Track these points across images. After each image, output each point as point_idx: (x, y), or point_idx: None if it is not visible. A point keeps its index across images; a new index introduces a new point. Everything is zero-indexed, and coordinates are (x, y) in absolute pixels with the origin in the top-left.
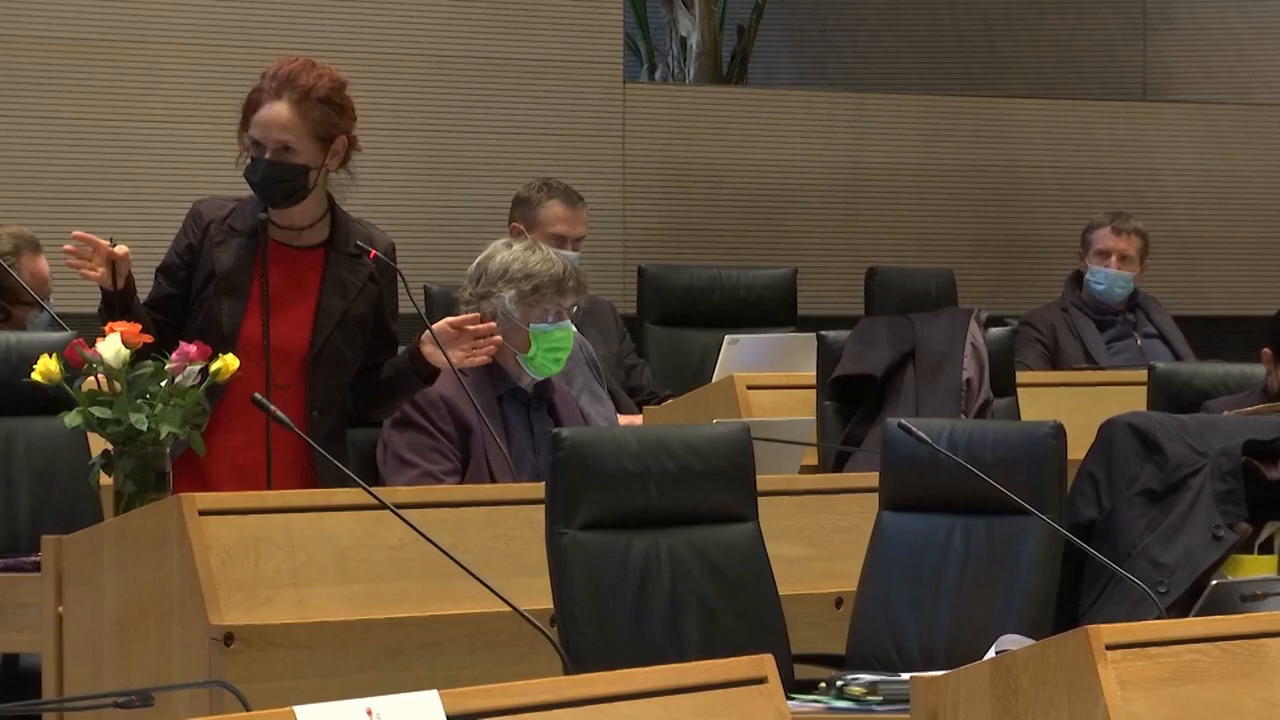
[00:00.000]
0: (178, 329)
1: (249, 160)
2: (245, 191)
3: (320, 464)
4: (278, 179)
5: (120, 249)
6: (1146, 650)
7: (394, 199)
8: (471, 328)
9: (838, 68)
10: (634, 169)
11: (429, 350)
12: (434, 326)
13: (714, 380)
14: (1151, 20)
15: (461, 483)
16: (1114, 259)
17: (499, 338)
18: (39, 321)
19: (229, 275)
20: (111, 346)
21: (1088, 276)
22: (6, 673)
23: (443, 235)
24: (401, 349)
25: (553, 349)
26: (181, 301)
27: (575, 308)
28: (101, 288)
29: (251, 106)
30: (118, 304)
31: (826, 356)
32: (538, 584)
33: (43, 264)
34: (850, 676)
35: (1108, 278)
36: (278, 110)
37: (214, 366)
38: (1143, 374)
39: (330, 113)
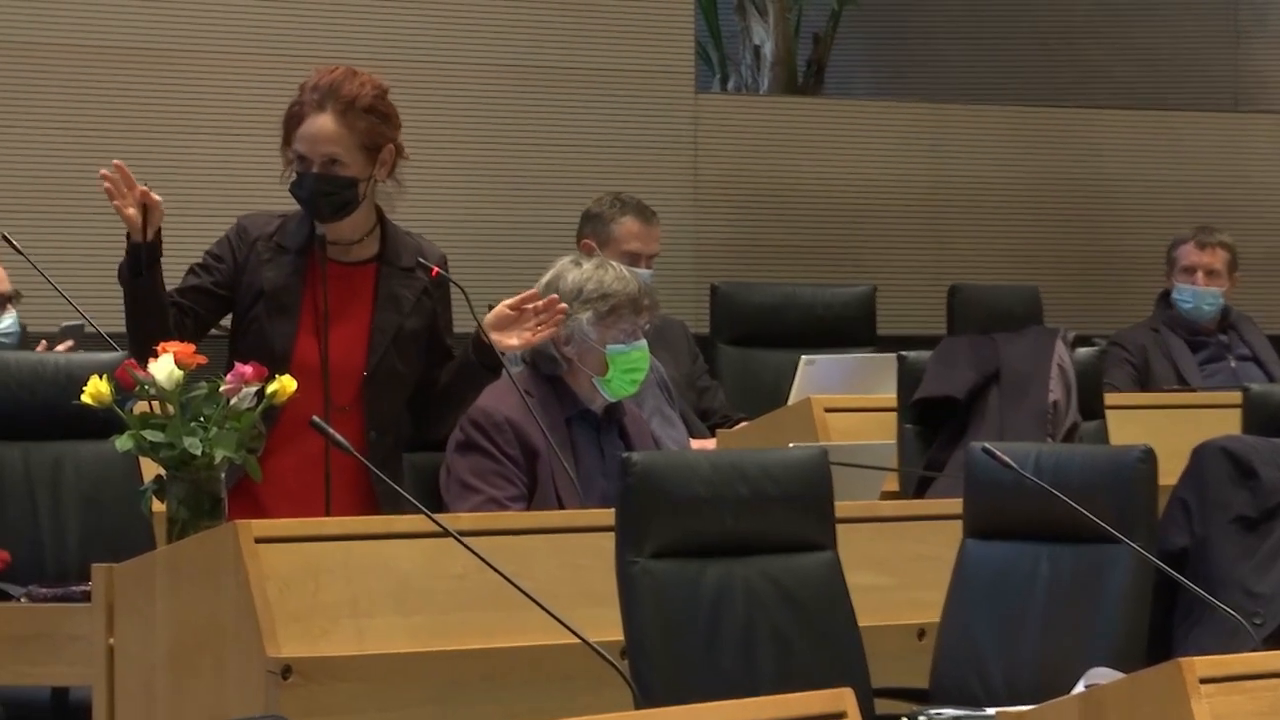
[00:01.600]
0: (200, 321)
1: (294, 175)
2: (291, 206)
3: (380, 489)
4: (326, 193)
5: (155, 196)
6: (1241, 684)
7: (455, 215)
8: (532, 305)
9: (917, 77)
10: (706, 183)
11: (494, 337)
12: (493, 313)
13: (790, 403)
14: (1244, 28)
15: (528, 509)
16: (1200, 275)
17: (564, 305)
18: None
19: (279, 294)
20: (164, 368)
21: (1174, 295)
22: (56, 707)
23: (506, 252)
24: None
25: (629, 370)
26: (214, 298)
27: (648, 326)
28: (129, 239)
29: (294, 120)
30: (145, 257)
31: (907, 378)
32: (607, 614)
33: None
34: (933, 711)
35: (1194, 295)
36: (322, 123)
37: (271, 388)
38: (1236, 396)
39: (376, 121)
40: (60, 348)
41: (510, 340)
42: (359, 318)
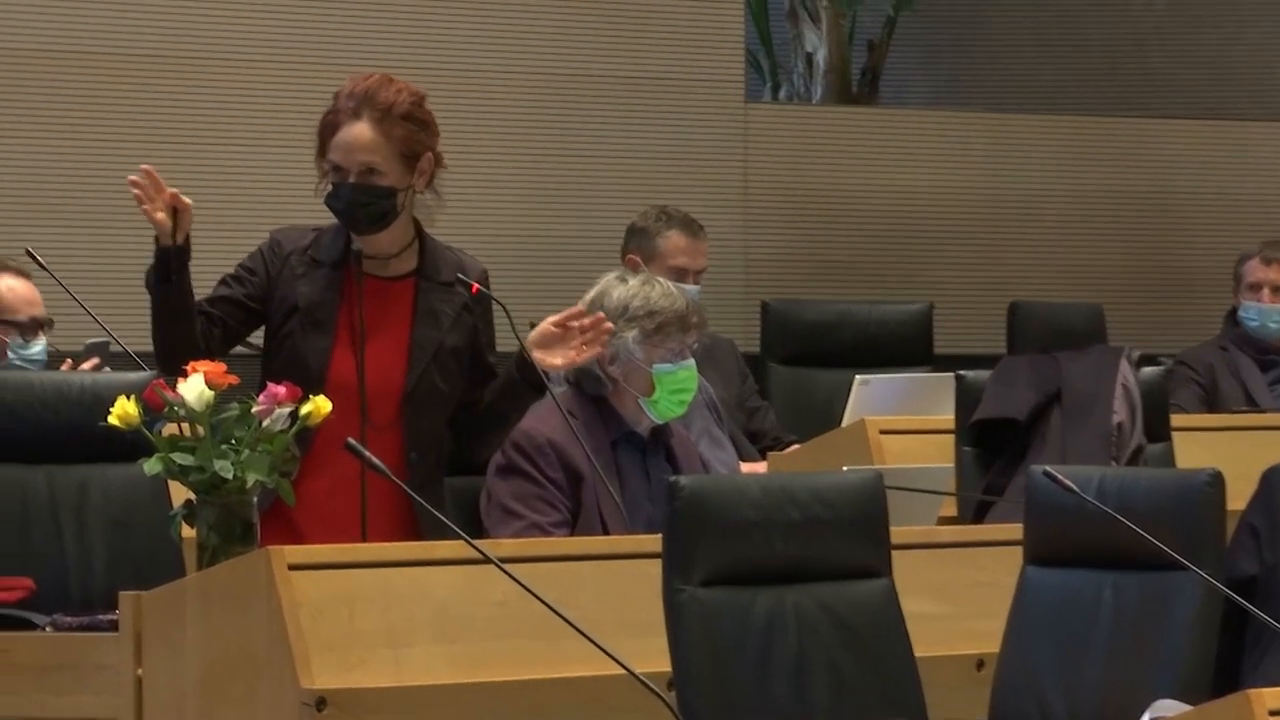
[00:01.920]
0: (229, 332)
1: (329, 186)
2: (326, 219)
3: (420, 512)
4: (363, 203)
5: (185, 198)
6: None
7: (497, 228)
8: (577, 323)
9: (975, 86)
10: (756, 195)
11: (538, 355)
12: (537, 330)
13: (843, 424)
14: None
15: (571, 534)
16: (1265, 291)
17: (610, 324)
18: (19, 345)
19: (313, 309)
20: (194, 388)
21: (1240, 313)
22: None
23: (548, 267)
24: None
25: (677, 390)
26: (245, 310)
27: (696, 345)
28: (157, 242)
29: (329, 129)
30: (174, 262)
31: (965, 398)
32: (654, 644)
33: (22, 286)
34: None
35: (1260, 313)
36: (359, 130)
37: (304, 409)
38: None
39: (414, 129)
40: (85, 366)
41: (554, 359)
42: (397, 334)
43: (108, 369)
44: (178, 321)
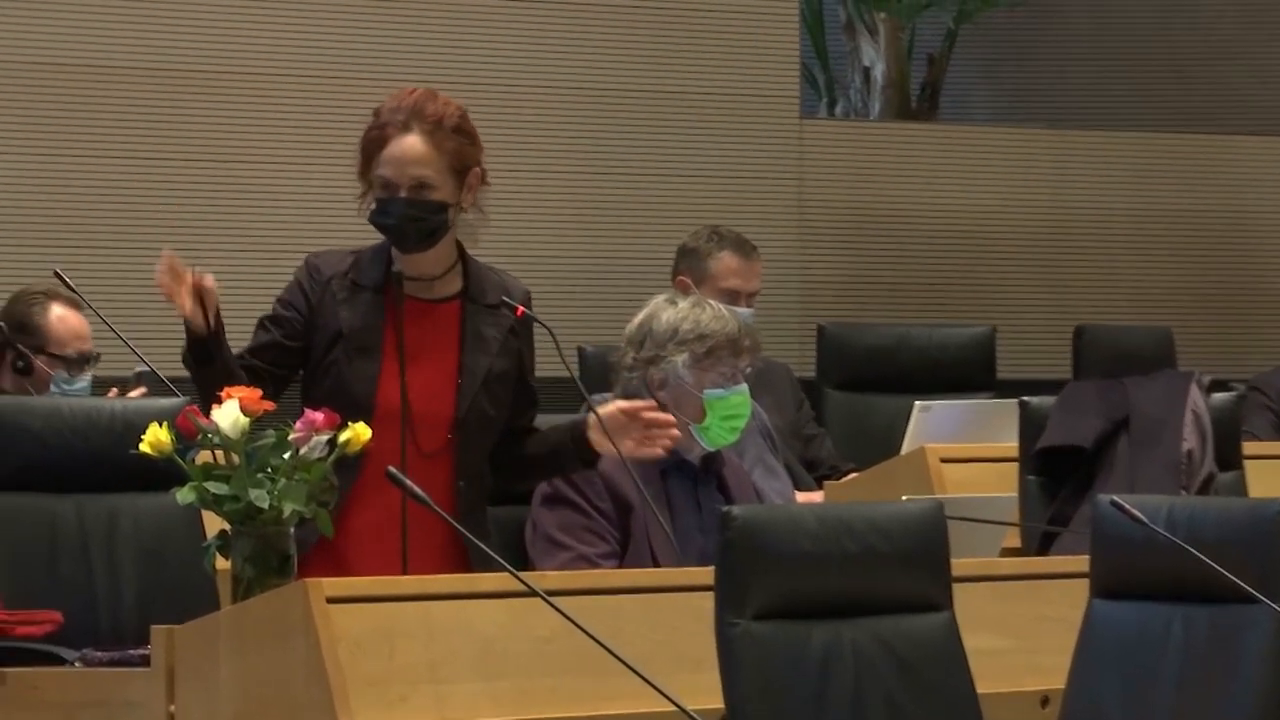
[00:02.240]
0: (277, 381)
1: (375, 203)
2: (363, 241)
3: (468, 543)
4: (415, 218)
5: (208, 279)
6: None
7: (543, 249)
8: (647, 415)
9: (1039, 101)
10: (812, 215)
11: (595, 437)
12: (603, 412)
13: (903, 452)
14: None
15: (620, 566)
16: None
17: (676, 432)
18: (64, 380)
19: (357, 335)
20: (229, 415)
21: None
22: None
23: (596, 289)
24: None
25: (729, 416)
26: (288, 353)
27: (749, 369)
28: (187, 327)
29: (376, 144)
30: (212, 346)
31: (1029, 425)
32: (705, 680)
33: (73, 318)
34: None
35: None
36: (410, 143)
37: (343, 437)
38: None
39: (464, 142)
40: (134, 394)
41: (609, 446)
42: (445, 359)
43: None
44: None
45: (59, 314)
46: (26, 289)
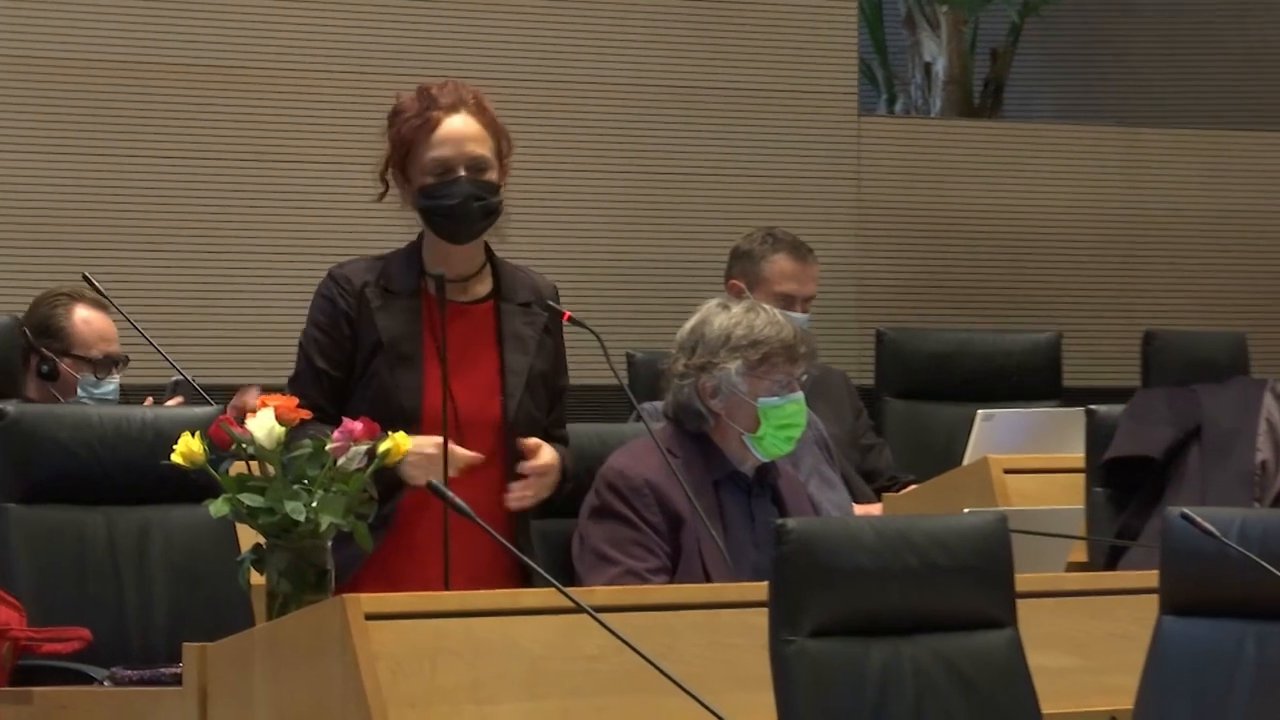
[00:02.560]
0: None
1: (423, 192)
2: (386, 246)
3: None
4: (476, 197)
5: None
6: None
7: (590, 252)
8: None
9: (1108, 97)
10: (870, 216)
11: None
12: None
13: (965, 463)
14: None
15: (670, 582)
16: None
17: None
18: (91, 384)
19: (399, 343)
20: (264, 424)
21: None
22: None
23: (647, 294)
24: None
25: (784, 426)
26: (342, 388)
27: (805, 377)
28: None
29: (421, 130)
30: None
31: (1097, 435)
32: (759, 699)
33: (98, 320)
34: None
35: None
36: (465, 122)
37: (383, 447)
38: None
39: (502, 128)
40: (170, 403)
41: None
42: (487, 361)
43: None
44: None
45: (83, 316)
46: (49, 291)
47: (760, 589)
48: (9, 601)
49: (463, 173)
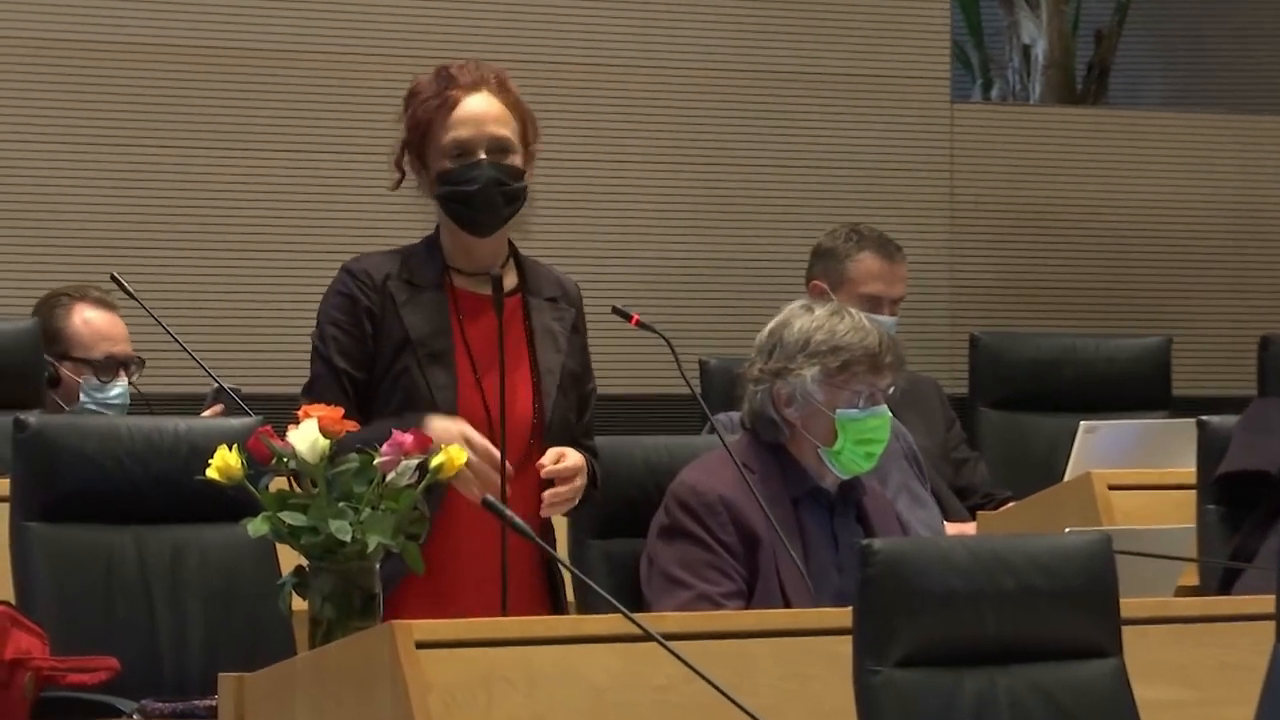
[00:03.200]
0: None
1: (441, 177)
2: (403, 239)
3: (553, 576)
4: (499, 181)
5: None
6: None
7: (659, 250)
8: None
9: (1223, 83)
10: (964, 211)
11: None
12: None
13: (1066, 478)
14: None
15: (746, 607)
16: None
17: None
18: (94, 387)
19: (429, 340)
20: (306, 436)
21: None
22: None
23: (721, 296)
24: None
25: (864, 441)
26: (371, 385)
27: (892, 388)
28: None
29: (440, 110)
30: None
31: (1209, 448)
32: None
33: (100, 319)
34: None
35: None
36: (487, 101)
37: (435, 461)
38: None
39: (528, 111)
40: (207, 413)
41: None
42: (518, 359)
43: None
44: None
45: (85, 316)
46: (52, 292)
47: (844, 615)
48: (31, 628)
49: (483, 155)
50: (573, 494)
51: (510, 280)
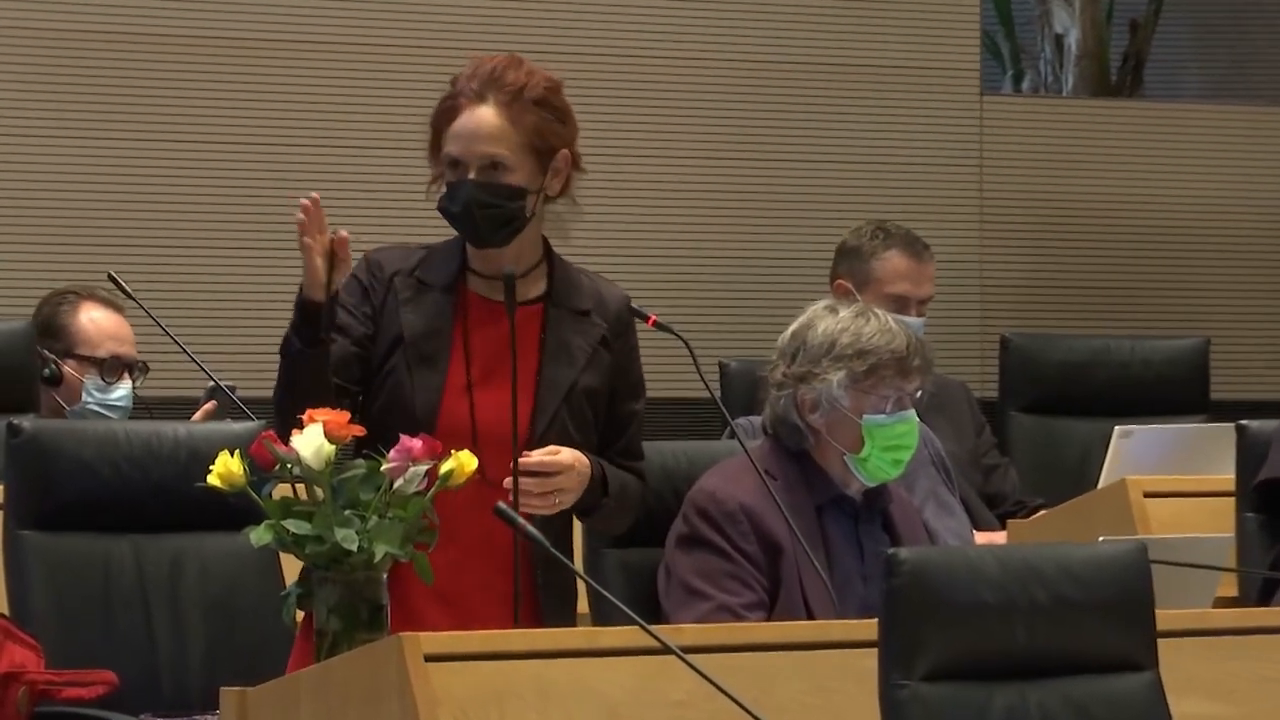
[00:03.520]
0: (355, 407)
1: (444, 187)
2: (439, 237)
3: (547, 598)
4: (485, 204)
5: (342, 233)
6: None
7: (682, 246)
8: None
9: (1262, 75)
10: (994, 207)
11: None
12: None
13: (1100, 485)
14: None
15: (768, 618)
16: None
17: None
18: (97, 388)
19: (421, 341)
20: (312, 441)
21: None
22: None
23: (742, 296)
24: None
25: (892, 447)
26: (358, 364)
27: (920, 392)
28: (305, 294)
29: (446, 117)
30: (325, 320)
31: (1249, 454)
32: None
33: (106, 319)
34: None
35: None
36: (482, 116)
37: (445, 467)
38: None
39: (548, 118)
40: (198, 415)
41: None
42: (522, 371)
43: (228, 420)
44: (317, 395)
45: (91, 315)
46: (56, 290)
47: (869, 627)
48: (25, 640)
49: (473, 174)
50: (543, 490)
51: (536, 288)
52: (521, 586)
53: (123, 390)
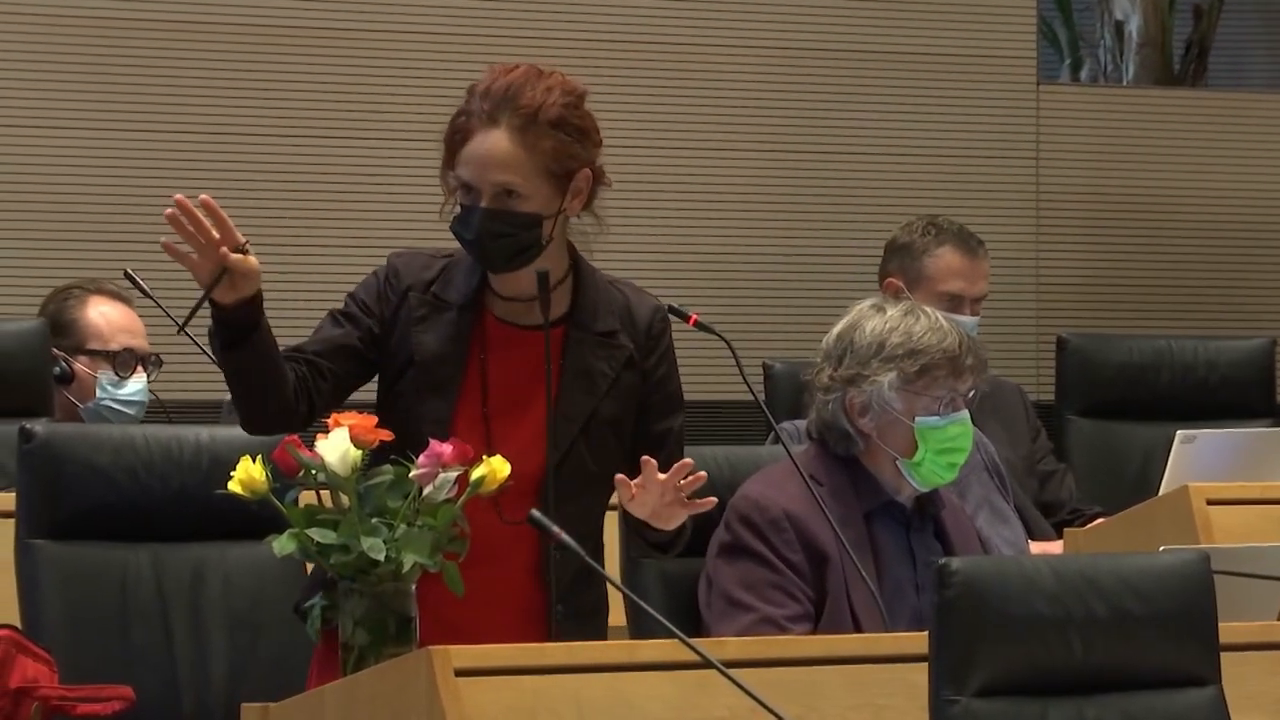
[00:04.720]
0: (341, 390)
1: (457, 209)
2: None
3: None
4: (498, 234)
5: (248, 259)
6: None
7: (719, 245)
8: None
9: None
10: (1051, 201)
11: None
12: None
13: (1161, 492)
14: None
15: (813, 631)
16: None
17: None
18: (112, 382)
19: (432, 365)
20: (337, 447)
21: None
22: None
23: (790, 293)
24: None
25: (945, 450)
26: (352, 358)
27: (973, 393)
28: (210, 298)
29: (458, 137)
30: (247, 326)
31: None
32: None
33: (117, 313)
34: None
35: None
36: (495, 141)
37: (477, 473)
38: None
39: (566, 140)
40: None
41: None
42: (538, 399)
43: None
44: (253, 393)
45: (101, 309)
46: (63, 285)
47: (919, 640)
48: (38, 654)
49: (485, 202)
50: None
51: (559, 307)
52: (539, 611)
53: (137, 384)
